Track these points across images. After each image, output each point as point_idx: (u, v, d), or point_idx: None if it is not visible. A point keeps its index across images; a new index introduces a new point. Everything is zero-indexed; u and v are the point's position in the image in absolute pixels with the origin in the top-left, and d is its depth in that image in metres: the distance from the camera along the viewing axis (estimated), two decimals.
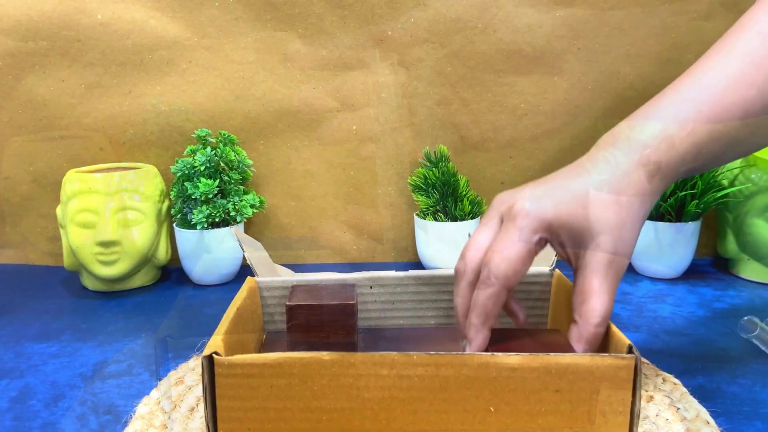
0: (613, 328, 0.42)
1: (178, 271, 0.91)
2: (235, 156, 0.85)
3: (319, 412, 0.39)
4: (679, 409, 0.50)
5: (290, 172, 0.93)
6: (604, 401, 0.38)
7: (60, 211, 0.83)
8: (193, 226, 0.82)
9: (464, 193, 0.85)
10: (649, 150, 0.41)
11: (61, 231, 0.83)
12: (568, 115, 0.89)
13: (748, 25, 0.46)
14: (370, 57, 0.89)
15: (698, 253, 0.85)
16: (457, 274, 0.43)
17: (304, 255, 0.95)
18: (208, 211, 0.81)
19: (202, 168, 0.82)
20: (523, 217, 0.40)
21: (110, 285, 0.83)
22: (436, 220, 0.85)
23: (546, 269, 0.55)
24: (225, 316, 0.45)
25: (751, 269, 0.84)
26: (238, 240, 0.55)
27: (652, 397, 0.52)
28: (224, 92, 0.89)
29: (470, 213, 0.85)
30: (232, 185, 0.84)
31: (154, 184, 0.84)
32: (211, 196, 0.81)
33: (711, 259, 0.93)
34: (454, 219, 0.84)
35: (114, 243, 0.79)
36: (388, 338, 0.53)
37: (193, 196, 0.81)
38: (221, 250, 0.83)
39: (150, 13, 0.87)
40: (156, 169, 0.87)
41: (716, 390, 0.54)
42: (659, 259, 0.83)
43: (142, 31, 0.87)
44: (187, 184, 0.82)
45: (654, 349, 0.63)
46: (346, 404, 0.38)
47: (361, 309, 0.55)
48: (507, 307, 0.47)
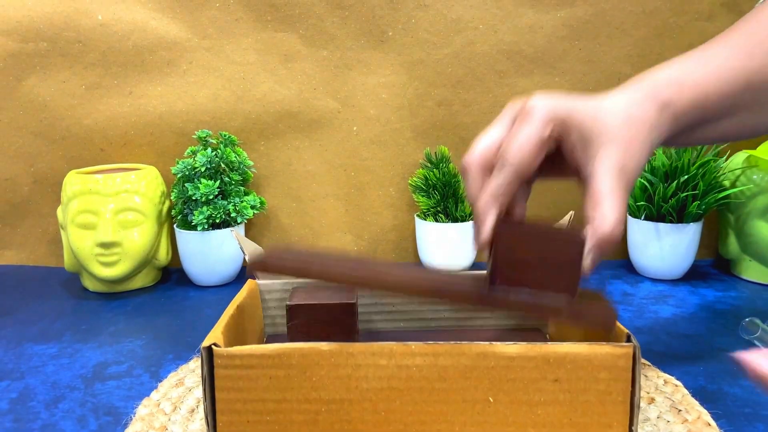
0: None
1: (179, 273, 0.91)
2: (235, 157, 0.85)
3: (318, 403, 0.39)
4: (680, 411, 0.50)
5: (291, 173, 0.92)
6: (603, 390, 0.38)
7: (60, 212, 0.83)
8: (194, 227, 0.82)
9: (465, 194, 0.85)
10: (660, 88, 0.43)
11: (62, 232, 0.83)
12: None
13: (754, 13, 0.49)
14: (371, 58, 0.89)
15: (700, 254, 0.85)
16: (466, 167, 0.42)
17: None
18: (209, 212, 0.81)
19: (203, 169, 0.82)
20: (538, 110, 0.40)
21: (111, 286, 0.83)
22: (436, 221, 0.85)
23: None
24: (224, 313, 0.45)
25: (752, 270, 0.84)
26: (239, 243, 0.55)
27: (653, 399, 0.52)
28: (225, 93, 0.89)
29: (471, 214, 0.85)
30: (233, 186, 0.84)
31: (155, 185, 0.84)
32: (211, 197, 0.81)
33: (712, 260, 0.93)
34: (455, 220, 0.84)
35: (114, 244, 0.79)
36: (388, 341, 0.53)
37: (194, 197, 0.81)
38: (222, 251, 0.83)
39: (151, 14, 0.87)
40: (156, 170, 0.87)
41: (718, 392, 0.54)
42: (660, 260, 0.83)
43: (143, 32, 0.87)
44: (188, 185, 0.82)
45: (655, 351, 0.62)
46: (344, 395, 0.38)
47: (362, 312, 0.55)
48: (509, 207, 0.44)
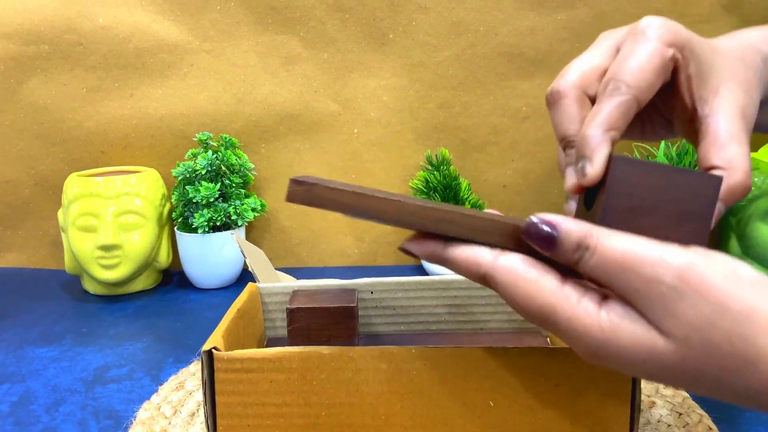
0: None
1: (180, 275, 0.91)
2: (236, 159, 0.85)
3: (319, 407, 0.39)
4: (681, 414, 0.50)
5: (292, 176, 0.92)
6: (604, 393, 0.37)
7: (61, 215, 0.83)
8: (195, 230, 0.82)
9: (466, 196, 0.85)
10: (760, 43, 0.38)
11: (63, 234, 0.83)
12: None
13: None
14: (372, 60, 0.89)
15: None
16: (560, 93, 0.35)
17: (306, 258, 0.95)
18: (210, 215, 0.81)
19: (204, 171, 0.82)
20: (656, 28, 0.34)
21: (111, 289, 0.83)
22: None
23: None
24: (225, 317, 0.45)
25: None
26: (240, 246, 0.55)
27: (654, 402, 0.52)
28: (226, 96, 0.89)
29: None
30: (234, 189, 0.84)
31: (156, 188, 0.84)
32: (212, 200, 0.81)
33: None
34: None
35: (115, 247, 0.79)
36: (388, 344, 0.53)
37: (195, 200, 0.81)
38: (222, 254, 0.83)
39: (151, 17, 0.87)
40: (157, 173, 0.87)
41: None
42: None
43: (144, 35, 0.87)
44: (189, 188, 0.82)
45: None
46: (345, 399, 0.38)
47: (362, 315, 0.55)
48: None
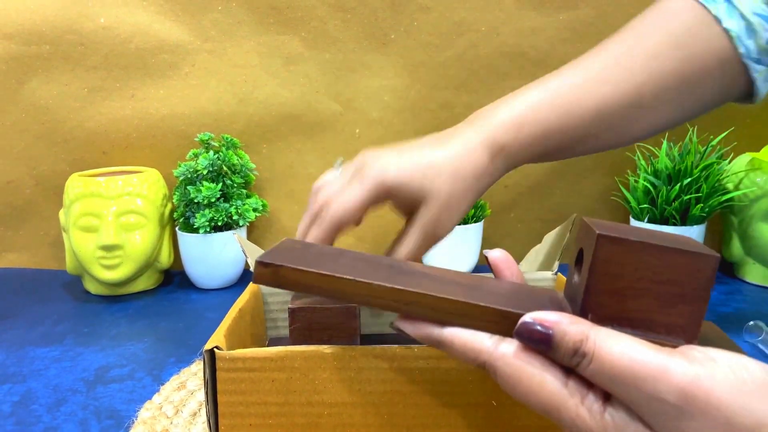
0: None
1: (181, 275, 0.91)
2: (237, 160, 0.84)
3: (321, 406, 0.38)
4: None
5: (293, 176, 0.92)
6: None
7: (63, 215, 0.83)
8: (196, 230, 0.82)
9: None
10: (498, 132, 0.45)
11: (64, 235, 0.83)
12: None
13: (623, 30, 0.50)
14: (373, 60, 0.89)
15: None
16: (310, 210, 0.46)
17: None
18: (211, 215, 0.81)
19: (205, 172, 0.82)
20: (367, 179, 0.44)
21: (113, 289, 0.83)
22: None
23: (549, 273, 0.54)
24: (227, 316, 0.44)
25: (756, 273, 0.83)
26: (241, 246, 0.54)
27: None
28: (227, 96, 0.89)
29: (474, 216, 0.84)
30: (235, 189, 0.84)
31: (157, 188, 0.84)
32: (213, 200, 0.81)
33: None
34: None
35: (116, 247, 0.79)
36: (390, 344, 0.53)
37: (196, 200, 0.81)
38: (224, 254, 0.83)
39: (153, 17, 0.87)
40: (159, 173, 0.87)
41: None
42: None
43: (145, 35, 0.87)
44: (190, 188, 0.82)
45: None
46: (347, 398, 0.38)
47: (363, 315, 0.54)
48: None
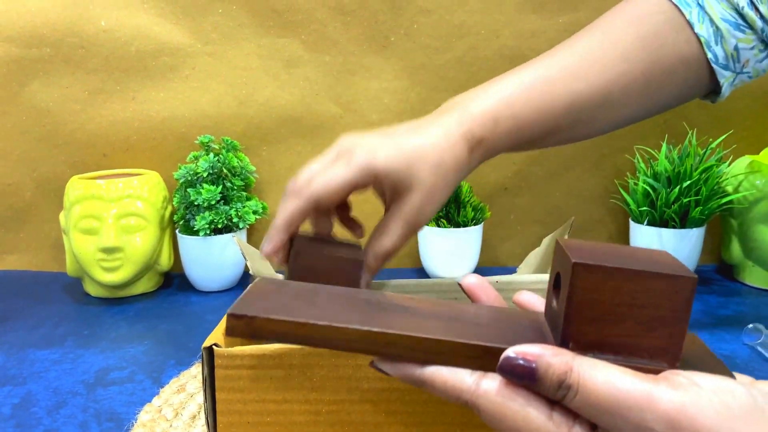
0: None
1: (181, 278, 0.91)
2: (237, 162, 0.85)
3: (319, 403, 0.38)
4: None
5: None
6: None
7: (63, 217, 0.83)
8: (196, 233, 0.82)
9: (467, 199, 0.85)
10: (476, 125, 0.46)
11: (64, 237, 0.83)
12: None
13: (596, 24, 0.51)
14: (373, 63, 0.89)
15: (702, 259, 0.85)
16: (287, 190, 0.46)
17: None
18: (211, 218, 0.81)
19: (205, 174, 0.82)
20: (355, 161, 0.44)
21: (113, 291, 0.83)
22: (439, 226, 0.84)
23: (546, 276, 0.54)
24: (226, 316, 0.44)
25: (756, 276, 0.83)
26: (241, 249, 0.54)
27: None
28: (227, 98, 0.90)
29: (473, 219, 0.84)
30: (235, 191, 0.84)
31: (157, 191, 0.84)
32: (213, 203, 0.81)
33: (715, 266, 0.93)
34: (457, 225, 0.84)
35: (116, 249, 0.79)
36: None
37: (196, 203, 0.81)
38: (224, 256, 0.83)
39: (153, 20, 0.87)
40: (159, 176, 0.87)
41: None
42: None
43: (146, 38, 0.87)
44: (190, 191, 0.82)
45: None
46: (345, 395, 0.38)
47: None
48: (345, 222, 0.50)
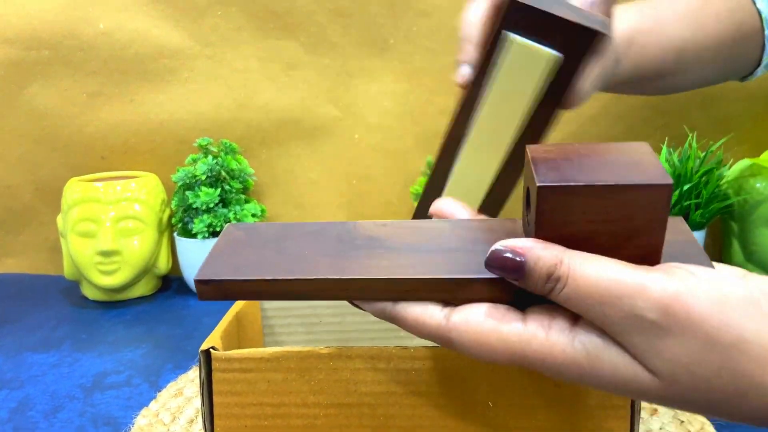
0: None
1: (179, 281, 0.90)
2: (236, 165, 0.84)
3: (317, 407, 0.38)
4: (683, 422, 0.50)
5: (292, 181, 0.92)
6: (604, 395, 0.37)
7: (60, 220, 0.83)
8: (194, 236, 0.82)
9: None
10: (615, 44, 0.50)
11: (62, 240, 0.83)
12: (572, 123, 0.88)
13: None
14: (373, 65, 0.89)
15: None
16: None
17: None
18: (210, 221, 0.81)
19: (204, 177, 0.82)
20: None
21: (110, 294, 0.82)
22: None
23: None
24: (223, 319, 0.44)
25: None
26: None
27: (655, 409, 0.51)
28: (226, 101, 0.89)
29: None
30: (234, 194, 0.84)
31: (155, 193, 0.84)
32: (212, 206, 0.81)
33: None
34: None
35: (114, 252, 0.79)
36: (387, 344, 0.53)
37: (195, 206, 0.81)
38: None
39: (152, 22, 0.87)
40: (157, 178, 0.86)
41: None
42: None
43: (145, 40, 0.87)
44: (189, 193, 0.82)
45: None
46: (343, 399, 0.38)
47: (357, 314, 0.54)
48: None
